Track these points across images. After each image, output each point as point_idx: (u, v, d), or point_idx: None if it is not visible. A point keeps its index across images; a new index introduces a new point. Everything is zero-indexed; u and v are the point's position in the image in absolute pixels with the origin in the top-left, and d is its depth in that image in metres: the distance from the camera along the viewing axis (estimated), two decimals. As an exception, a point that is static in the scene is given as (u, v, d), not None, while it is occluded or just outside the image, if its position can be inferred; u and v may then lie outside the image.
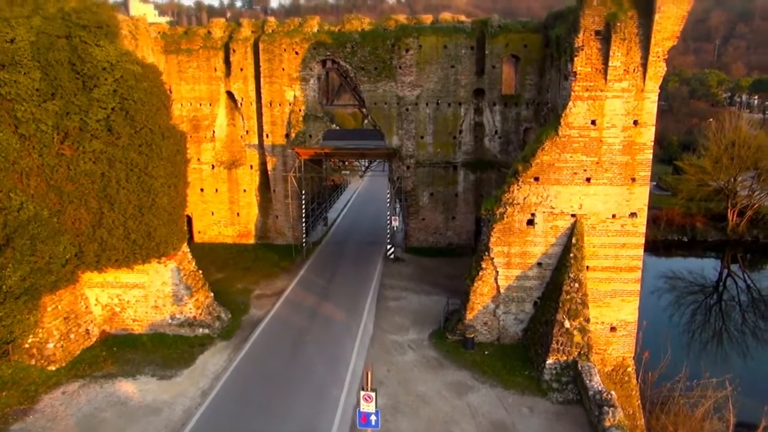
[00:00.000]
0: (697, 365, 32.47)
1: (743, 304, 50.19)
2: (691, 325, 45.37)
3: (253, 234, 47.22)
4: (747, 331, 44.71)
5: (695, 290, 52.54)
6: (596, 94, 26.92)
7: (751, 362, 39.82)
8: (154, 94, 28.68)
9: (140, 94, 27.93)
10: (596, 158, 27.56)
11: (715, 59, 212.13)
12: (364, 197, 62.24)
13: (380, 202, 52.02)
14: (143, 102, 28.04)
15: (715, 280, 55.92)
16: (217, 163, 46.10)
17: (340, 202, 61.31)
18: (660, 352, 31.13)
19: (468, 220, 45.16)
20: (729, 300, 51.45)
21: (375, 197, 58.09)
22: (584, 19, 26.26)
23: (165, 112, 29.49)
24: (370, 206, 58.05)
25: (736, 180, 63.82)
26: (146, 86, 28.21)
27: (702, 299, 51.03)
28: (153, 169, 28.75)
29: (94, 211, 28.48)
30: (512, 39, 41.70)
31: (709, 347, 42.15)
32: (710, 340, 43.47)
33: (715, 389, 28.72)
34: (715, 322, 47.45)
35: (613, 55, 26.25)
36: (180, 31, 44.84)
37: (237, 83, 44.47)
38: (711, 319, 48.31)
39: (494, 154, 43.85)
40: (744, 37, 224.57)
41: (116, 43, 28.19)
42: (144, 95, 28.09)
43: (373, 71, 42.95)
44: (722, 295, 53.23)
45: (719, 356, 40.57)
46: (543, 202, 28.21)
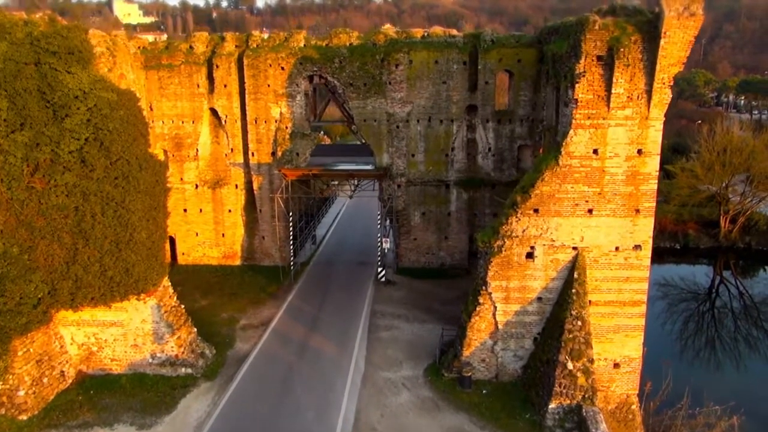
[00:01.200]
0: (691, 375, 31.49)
1: (736, 311, 49.63)
2: (683, 332, 44.59)
3: (239, 255, 45.57)
4: (740, 338, 44.15)
5: (688, 297, 51.82)
6: (598, 122, 25.60)
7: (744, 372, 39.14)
8: (131, 122, 27.01)
9: (116, 124, 26.26)
10: (598, 189, 26.24)
11: (702, 59, 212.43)
12: (354, 210, 60.65)
13: (370, 215, 50.61)
14: (119, 132, 26.37)
15: (707, 287, 55.25)
16: (201, 182, 44.41)
17: (329, 215, 59.74)
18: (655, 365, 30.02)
19: (461, 240, 43.79)
20: (722, 307, 50.84)
21: (365, 211, 56.55)
22: (586, 44, 24.90)
23: (143, 141, 27.83)
24: (360, 220, 56.54)
25: (728, 187, 63.21)
26: (122, 115, 26.54)
27: (695, 306, 50.35)
28: (130, 202, 27.09)
29: (67, 247, 26.78)
30: (506, 54, 40.35)
31: (702, 354, 41.53)
32: (703, 347, 42.84)
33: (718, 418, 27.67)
34: (708, 330, 46.78)
35: (616, 81, 24.93)
36: (161, 45, 43.08)
37: (221, 100, 42.79)
38: (704, 327, 47.64)
39: (488, 172, 42.51)
40: (730, 36, 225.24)
41: (89, 69, 26.49)
42: (120, 124, 26.42)
43: (362, 87, 41.44)
44: (715, 302, 52.58)
45: (712, 364, 40.03)
46: (543, 234, 26.86)
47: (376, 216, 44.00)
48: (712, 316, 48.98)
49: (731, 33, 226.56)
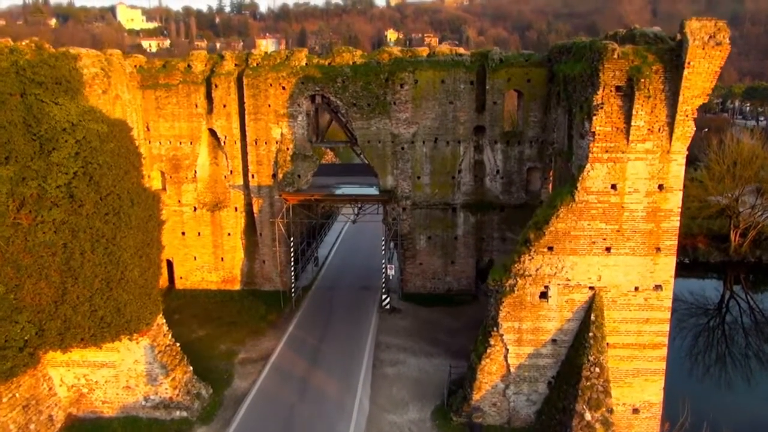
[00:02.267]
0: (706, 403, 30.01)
1: (746, 327, 48.22)
2: (693, 348, 43.21)
3: (239, 280, 44.13)
4: (751, 355, 42.64)
5: (697, 313, 50.44)
6: (617, 155, 24.11)
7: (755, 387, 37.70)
8: (122, 154, 25.62)
9: (106, 157, 24.86)
10: (617, 226, 24.75)
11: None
12: (357, 228, 58.99)
13: (373, 234, 49.30)
14: (109, 165, 24.97)
15: (717, 302, 53.90)
16: (200, 205, 43.00)
17: (332, 233, 58.20)
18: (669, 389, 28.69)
19: (468, 264, 42.29)
20: (732, 323, 49.46)
21: (368, 229, 54.96)
22: (604, 73, 23.42)
23: (135, 173, 26.44)
24: (363, 239, 55.02)
25: (738, 201, 61.96)
26: (113, 147, 25.14)
27: (704, 322, 49.02)
28: (121, 239, 25.67)
29: (56, 285, 25.33)
30: (514, 73, 38.91)
31: (713, 371, 40.20)
32: (713, 364, 41.49)
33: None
34: (719, 345, 45.49)
35: (636, 113, 23.45)
36: (158, 64, 41.69)
37: (220, 120, 41.41)
38: (714, 342, 46.37)
39: (496, 195, 41.03)
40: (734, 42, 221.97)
41: (78, 99, 25.13)
42: (110, 158, 25.03)
43: (365, 107, 40.03)
44: (725, 317, 51.25)
45: (723, 381, 38.70)
46: (558, 273, 25.36)
47: (380, 235, 42.58)
48: (723, 332, 47.75)
49: (736, 38, 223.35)
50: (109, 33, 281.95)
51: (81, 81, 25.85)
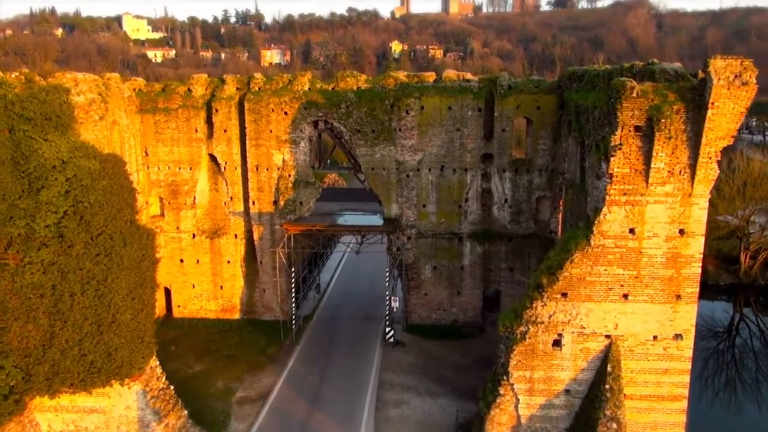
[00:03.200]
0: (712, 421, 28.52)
1: (757, 350, 47.23)
2: (703, 372, 41.87)
3: (238, 308, 42.86)
4: (761, 379, 41.47)
5: (707, 335, 49.15)
6: (635, 198, 22.86)
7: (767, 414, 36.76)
8: (115, 192, 24.45)
9: (97, 196, 23.69)
10: (635, 272, 23.45)
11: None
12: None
13: (376, 259, 48.15)
14: (101, 204, 23.80)
15: (727, 325, 52.68)
16: (199, 231, 41.81)
17: (334, 257, 56.68)
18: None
19: (475, 296, 40.97)
20: (742, 346, 48.49)
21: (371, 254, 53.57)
22: (622, 113, 22.19)
23: (128, 211, 25.26)
24: (366, 264, 53.50)
25: (748, 222, 60.80)
26: (105, 185, 23.98)
27: (714, 345, 47.79)
28: (113, 280, 24.46)
29: (44, 328, 24.13)
30: (524, 100, 37.77)
31: (722, 395, 39.13)
32: (723, 388, 40.35)
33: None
34: (728, 369, 44.31)
35: (656, 155, 22.21)
36: (157, 88, 40.63)
37: (220, 146, 40.29)
38: (723, 366, 45.12)
39: (504, 224, 39.76)
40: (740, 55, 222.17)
41: (69, 135, 23.97)
42: (102, 196, 23.86)
43: (370, 134, 38.89)
44: (735, 340, 50.12)
45: (733, 405, 37.76)
46: (572, 320, 24.05)
47: (383, 260, 41.27)
48: (733, 356, 46.71)
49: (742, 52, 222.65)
50: (115, 43, 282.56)
51: (72, 115, 24.67)
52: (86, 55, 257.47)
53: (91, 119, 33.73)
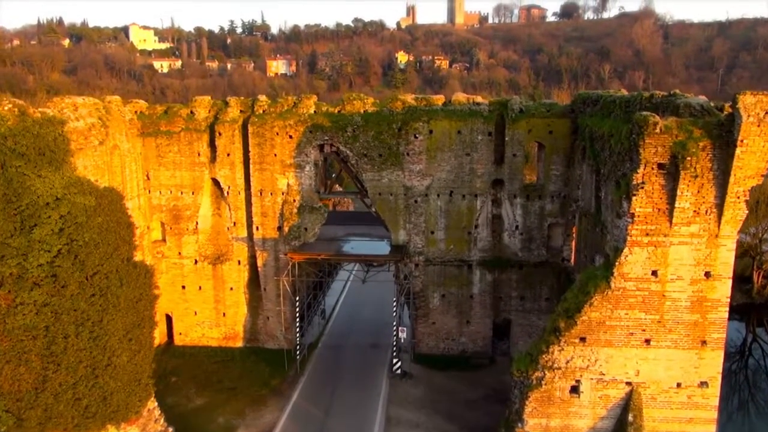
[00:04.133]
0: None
1: None
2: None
3: (241, 336, 41.70)
4: None
5: None
6: (658, 239, 21.67)
7: None
8: (111, 230, 23.38)
9: (92, 234, 22.63)
10: (657, 316, 22.23)
11: (719, 89, 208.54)
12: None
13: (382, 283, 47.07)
14: (96, 243, 22.73)
15: (739, 345, 51.49)
16: (201, 257, 40.73)
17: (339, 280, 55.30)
18: None
19: (484, 324, 39.71)
20: (755, 367, 47.41)
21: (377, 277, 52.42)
22: (645, 150, 21.04)
23: (126, 249, 24.18)
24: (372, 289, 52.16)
25: (761, 241, 59.47)
26: (100, 222, 22.92)
27: (726, 366, 46.34)
28: (108, 322, 23.38)
29: (36, 371, 23.04)
30: (535, 124, 36.68)
31: (735, 418, 38.13)
32: (735, 411, 39.34)
33: None
34: (741, 391, 43.18)
35: (681, 194, 21.04)
36: (159, 110, 39.68)
37: (223, 170, 39.26)
38: (737, 387, 43.85)
39: (515, 251, 38.56)
40: (747, 66, 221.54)
41: (64, 170, 22.93)
42: (97, 234, 22.80)
43: (377, 158, 37.82)
44: (747, 361, 48.97)
45: (746, 430, 36.93)
46: (591, 366, 22.82)
47: (389, 283, 39.98)
48: (745, 377, 45.67)
49: (749, 63, 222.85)
50: (122, 53, 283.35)
51: (68, 148, 23.64)
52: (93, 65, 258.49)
53: (90, 145, 32.87)
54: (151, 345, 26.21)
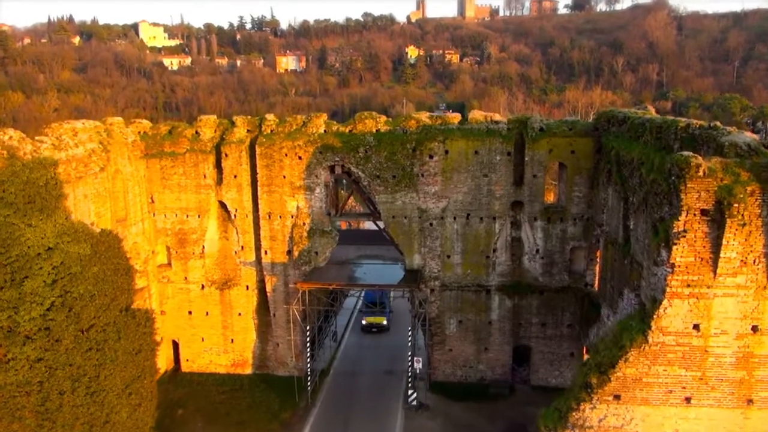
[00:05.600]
0: None
1: None
2: None
3: (250, 363, 40.23)
4: None
5: None
6: (701, 290, 19.83)
7: None
8: (108, 279, 21.86)
9: (87, 285, 21.12)
10: (699, 373, 20.42)
11: (735, 82, 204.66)
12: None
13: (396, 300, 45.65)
14: (91, 294, 21.23)
15: None
16: (208, 282, 39.24)
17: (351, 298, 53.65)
18: None
19: (504, 352, 38.00)
20: None
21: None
22: (686, 195, 19.17)
23: (124, 298, 22.67)
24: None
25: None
26: (96, 272, 21.39)
27: None
28: (106, 377, 21.91)
29: (31, 429, 21.71)
30: (557, 144, 34.81)
31: None
32: None
33: None
34: None
35: (726, 243, 19.18)
36: (164, 130, 38.11)
37: (230, 192, 37.69)
38: None
39: (535, 276, 36.78)
40: (763, 58, 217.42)
41: (55, 217, 21.38)
42: (93, 285, 21.29)
43: (390, 180, 36.11)
44: None
45: None
46: (626, 426, 21.06)
47: (402, 301, 38.41)
48: None
49: (765, 55, 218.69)
50: (132, 51, 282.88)
51: (60, 193, 22.05)
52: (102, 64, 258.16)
53: (90, 172, 31.53)
54: (153, 395, 24.79)
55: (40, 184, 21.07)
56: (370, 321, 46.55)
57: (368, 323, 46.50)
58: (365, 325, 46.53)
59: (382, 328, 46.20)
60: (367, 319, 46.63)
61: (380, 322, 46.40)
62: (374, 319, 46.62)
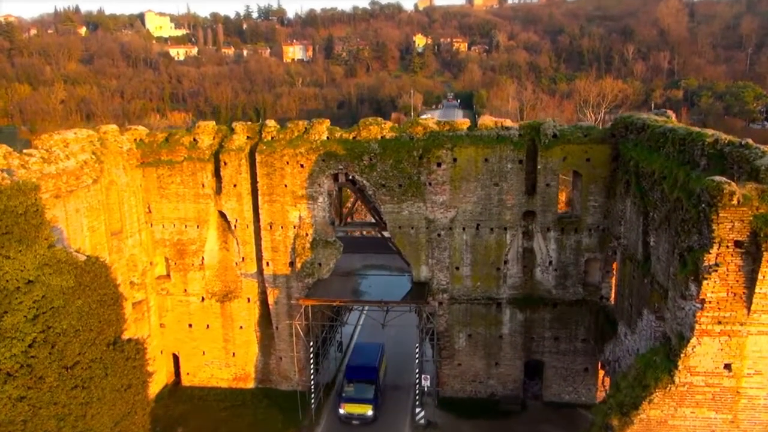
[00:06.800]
0: None
1: None
2: None
3: (253, 377, 38.96)
4: None
5: None
6: (734, 328, 18.23)
7: None
8: (93, 313, 20.46)
9: (71, 320, 19.74)
10: (730, 416, 18.87)
11: (748, 69, 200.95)
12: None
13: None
14: (76, 329, 19.85)
15: None
16: (208, 294, 37.92)
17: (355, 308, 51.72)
18: None
19: (515, 367, 36.53)
20: None
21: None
22: (719, 225, 17.52)
23: (112, 331, 21.27)
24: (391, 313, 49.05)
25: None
26: (80, 306, 20.00)
27: None
28: (93, 416, 20.58)
29: (14, 469, 20.37)
30: (571, 151, 33.07)
31: None
32: None
33: None
34: None
35: (762, 277, 17.56)
36: (160, 138, 36.63)
37: (230, 202, 36.24)
38: None
39: (548, 288, 35.20)
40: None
41: (36, 247, 19.92)
42: (77, 319, 19.90)
43: (396, 189, 34.54)
44: None
45: None
46: (649, 471, 19.54)
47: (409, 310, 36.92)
48: None
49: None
50: (138, 41, 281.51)
51: (41, 221, 20.57)
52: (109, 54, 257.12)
53: (83, 185, 30.22)
54: (145, 429, 23.39)
55: (18, 213, 19.61)
56: (349, 411, 34.78)
57: (347, 414, 34.78)
58: (343, 415, 34.90)
59: (365, 420, 34.70)
60: (346, 407, 34.86)
61: (363, 412, 34.62)
62: (355, 408, 34.79)
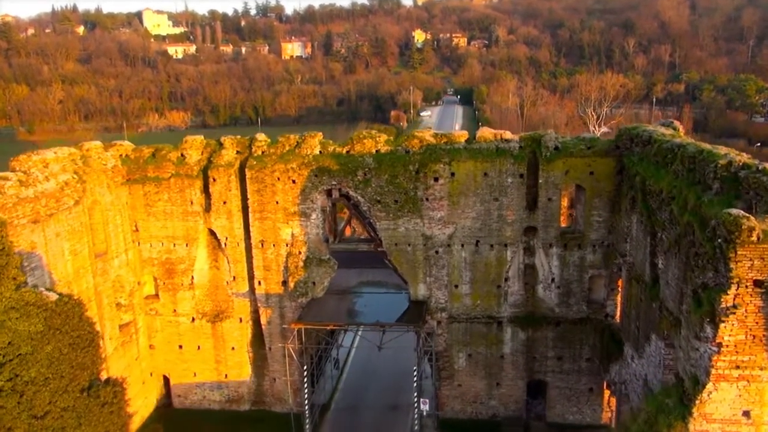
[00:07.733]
0: None
1: None
2: None
3: (246, 399, 37.66)
4: None
5: None
6: (753, 373, 16.87)
7: None
8: (65, 358, 19.13)
9: (40, 367, 18.41)
10: (749, 465, 17.50)
11: (750, 62, 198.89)
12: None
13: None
14: (45, 378, 18.50)
15: None
16: (198, 314, 36.61)
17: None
18: None
19: (517, 387, 35.23)
20: None
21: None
22: (737, 265, 16.13)
23: (86, 375, 19.95)
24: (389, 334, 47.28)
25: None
26: (50, 352, 18.67)
27: None
28: (67, 468, 19.25)
29: None
30: (574, 164, 31.69)
31: None
32: None
33: None
34: None
35: (784, 320, 16.15)
36: (146, 153, 35.20)
37: (219, 219, 34.89)
38: None
39: (551, 306, 33.87)
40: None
41: (2, 289, 18.57)
42: (47, 366, 18.57)
43: (392, 205, 33.17)
44: None
45: None
46: None
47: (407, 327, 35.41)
48: None
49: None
50: (136, 40, 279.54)
51: (8, 261, 19.18)
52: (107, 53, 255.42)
53: (63, 207, 28.89)
54: (125, 476, 22.14)
55: (-19, 251, 18.41)
56: None
57: None
58: None
59: None
60: None
61: None
62: None
